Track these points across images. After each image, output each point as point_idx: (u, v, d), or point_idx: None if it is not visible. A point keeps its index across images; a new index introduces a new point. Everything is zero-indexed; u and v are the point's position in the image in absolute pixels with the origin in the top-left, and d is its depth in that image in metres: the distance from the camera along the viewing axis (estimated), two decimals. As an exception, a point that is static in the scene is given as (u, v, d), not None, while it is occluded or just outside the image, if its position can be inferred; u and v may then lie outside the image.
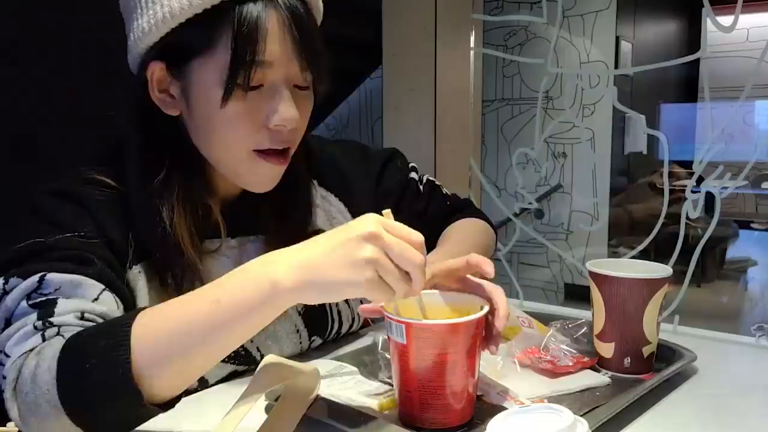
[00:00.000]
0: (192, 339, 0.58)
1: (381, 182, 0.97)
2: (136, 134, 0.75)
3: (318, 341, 0.90)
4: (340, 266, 0.56)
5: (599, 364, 0.80)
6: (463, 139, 2.34)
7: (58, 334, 0.62)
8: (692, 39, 5.16)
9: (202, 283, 0.63)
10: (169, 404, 0.61)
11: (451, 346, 0.60)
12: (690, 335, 0.97)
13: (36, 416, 0.58)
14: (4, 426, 0.54)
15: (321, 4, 0.77)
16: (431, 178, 1.02)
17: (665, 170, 1.03)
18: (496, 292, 0.68)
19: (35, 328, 0.62)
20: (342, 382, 0.74)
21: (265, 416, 0.65)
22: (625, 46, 3.88)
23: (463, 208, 1.02)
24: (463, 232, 0.96)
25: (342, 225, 0.60)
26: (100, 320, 0.65)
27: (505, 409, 0.61)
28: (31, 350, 0.61)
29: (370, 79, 3.97)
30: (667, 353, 0.82)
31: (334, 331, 0.91)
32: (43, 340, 0.62)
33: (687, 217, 0.99)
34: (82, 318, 0.64)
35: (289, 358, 0.84)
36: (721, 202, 0.97)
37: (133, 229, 0.74)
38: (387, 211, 0.61)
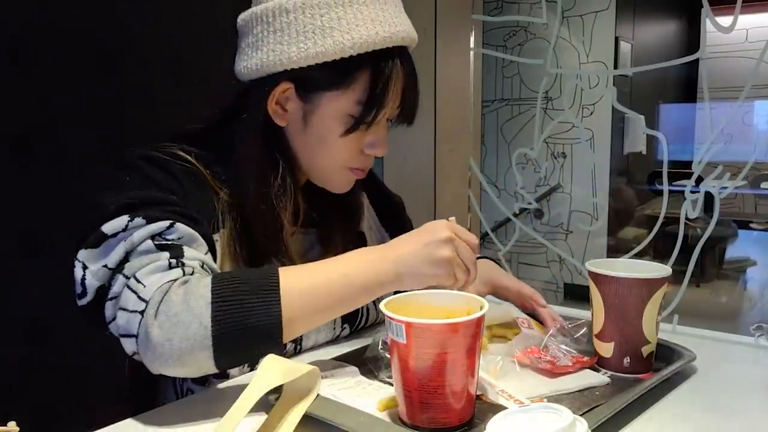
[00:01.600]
0: (325, 303, 0.72)
1: (403, 215, 1.13)
2: (247, 134, 0.83)
3: (347, 330, 0.96)
4: (429, 264, 0.74)
5: (599, 363, 0.80)
6: (463, 139, 2.35)
7: (193, 273, 0.70)
8: (691, 39, 5.16)
9: (279, 262, 0.82)
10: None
11: (451, 346, 0.60)
12: (689, 335, 0.98)
13: (181, 335, 0.65)
14: (5, 426, 0.54)
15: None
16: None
17: (665, 170, 1.03)
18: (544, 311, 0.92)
19: (170, 265, 0.69)
20: (342, 382, 0.74)
21: (265, 416, 0.66)
22: (625, 47, 3.88)
23: None
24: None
25: (420, 228, 0.77)
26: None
27: (504, 408, 0.61)
28: (175, 280, 0.68)
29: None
30: (666, 353, 0.82)
31: (361, 324, 0.98)
32: (184, 274, 0.69)
33: (686, 217, 0.99)
34: (202, 267, 0.72)
35: (320, 345, 0.92)
36: (720, 202, 0.97)
37: (215, 200, 0.81)
38: (453, 218, 0.78)
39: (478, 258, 0.90)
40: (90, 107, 1.48)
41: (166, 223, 0.71)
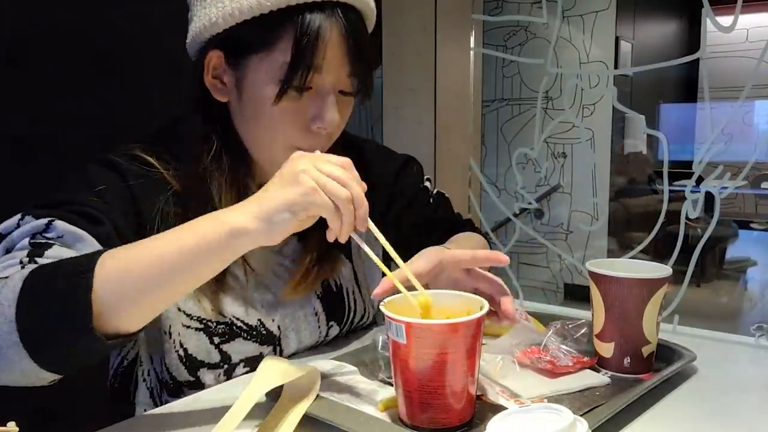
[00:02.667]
0: (155, 276, 0.62)
1: (397, 181, 1.01)
2: (191, 114, 0.80)
3: (335, 329, 0.92)
4: (282, 188, 0.63)
5: (599, 363, 0.80)
6: (463, 139, 2.34)
7: None
8: (692, 39, 5.16)
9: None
10: (121, 338, 0.63)
11: (451, 346, 0.60)
12: (689, 335, 0.98)
13: None
14: (5, 426, 0.53)
15: (374, 16, 0.81)
16: (442, 192, 1.07)
17: (665, 170, 1.03)
18: (498, 282, 0.77)
19: (20, 262, 0.65)
20: (342, 382, 0.74)
21: (265, 417, 0.66)
22: (625, 47, 3.88)
23: (465, 225, 1.07)
24: (467, 239, 1.00)
25: None
26: None
27: (505, 408, 0.61)
28: (6, 278, 0.62)
29: (370, 79, 3.97)
30: (666, 353, 0.82)
31: (349, 320, 0.94)
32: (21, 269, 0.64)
33: (687, 217, 0.99)
34: None
35: (308, 348, 0.89)
36: (720, 202, 0.97)
37: (166, 206, 0.78)
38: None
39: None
40: (90, 107, 1.48)
41: (44, 221, 0.68)
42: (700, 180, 1.00)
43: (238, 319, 0.82)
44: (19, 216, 0.70)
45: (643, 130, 1.09)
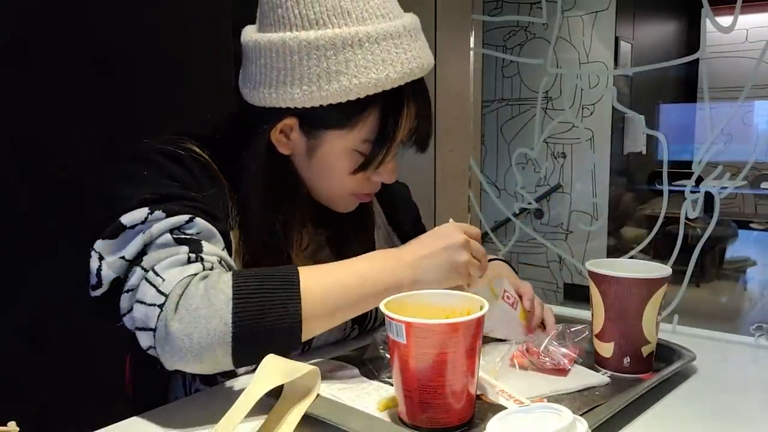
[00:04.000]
0: (342, 303, 0.72)
1: (417, 224, 1.11)
2: (262, 170, 0.80)
3: (356, 332, 0.95)
4: (448, 270, 0.76)
5: (599, 363, 0.80)
6: (463, 139, 2.34)
7: (212, 268, 0.69)
8: (691, 39, 5.16)
9: None
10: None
11: (450, 346, 0.60)
12: (689, 335, 0.98)
13: (201, 330, 0.64)
14: (5, 426, 0.54)
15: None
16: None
17: (665, 170, 1.03)
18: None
19: (189, 259, 0.68)
20: (342, 382, 0.74)
21: (265, 416, 0.66)
22: (625, 47, 3.88)
23: None
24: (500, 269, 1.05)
25: (434, 233, 0.78)
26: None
27: (504, 408, 0.61)
28: (195, 275, 0.67)
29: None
30: (666, 353, 0.82)
31: (369, 325, 0.97)
32: (203, 269, 0.69)
33: (686, 217, 0.99)
34: (220, 263, 0.72)
35: (322, 346, 0.90)
36: (720, 202, 0.97)
37: (229, 198, 0.80)
38: (451, 220, 0.80)
39: (491, 260, 0.92)
40: (90, 108, 1.48)
41: (186, 217, 0.70)
42: (699, 180, 1.00)
43: None
44: (147, 210, 0.69)
45: (642, 130, 1.10)
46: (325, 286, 0.71)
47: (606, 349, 0.79)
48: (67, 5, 1.44)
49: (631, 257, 0.99)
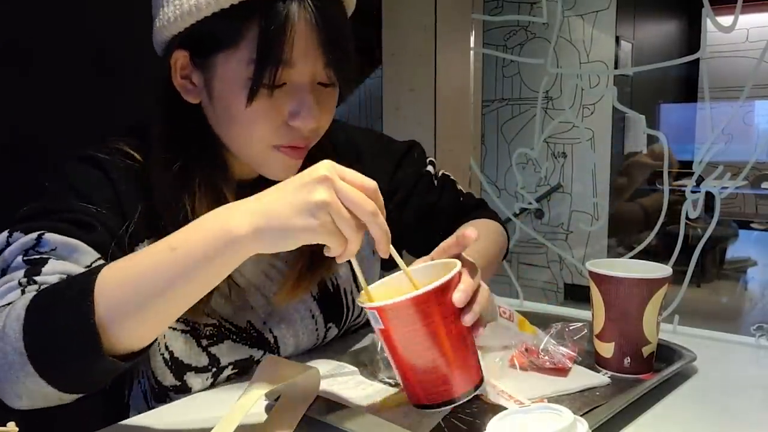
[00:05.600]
0: (153, 288, 0.58)
1: (397, 172, 0.97)
2: (161, 118, 0.76)
3: (334, 330, 0.90)
4: (295, 211, 0.56)
5: (599, 364, 0.80)
6: (463, 139, 2.35)
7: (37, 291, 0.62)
8: (692, 39, 5.16)
9: None
10: (133, 356, 0.61)
11: (424, 318, 0.58)
12: (690, 335, 0.97)
13: (4, 368, 0.58)
14: (4, 426, 0.53)
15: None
16: (447, 173, 1.02)
17: (665, 170, 1.03)
18: (467, 264, 0.65)
19: (19, 284, 0.63)
20: (342, 382, 0.74)
21: (265, 416, 0.65)
22: (625, 46, 3.88)
23: (476, 208, 1.02)
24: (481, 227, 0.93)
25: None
26: None
27: (505, 409, 0.61)
28: (8, 304, 0.61)
29: (370, 79, 3.97)
30: (666, 353, 0.82)
31: (348, 320, 0.91)
32: (23, 295, 0.62)
33: (687, 217, 0.99)
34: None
35: (306, 351, 0.87)
36: (720, 202, 0.97)
37: (150, 203, 0.74)
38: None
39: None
40: (90, 108, 1.48)
41: (34, 236, 0.66)
42: (700, 180, 1.00)
43: (226, 320, 0.79)
44: (6, 233, 0.66)
45: (643, 130, 1.10)
46: (127, 274, 0.59)
47: (606, 350, 0.79)
48: (67, 5, 1.44)
49: (632, 257, 0.99)
